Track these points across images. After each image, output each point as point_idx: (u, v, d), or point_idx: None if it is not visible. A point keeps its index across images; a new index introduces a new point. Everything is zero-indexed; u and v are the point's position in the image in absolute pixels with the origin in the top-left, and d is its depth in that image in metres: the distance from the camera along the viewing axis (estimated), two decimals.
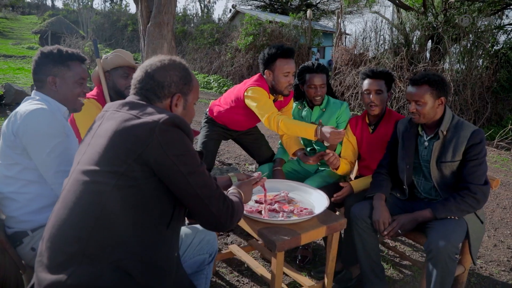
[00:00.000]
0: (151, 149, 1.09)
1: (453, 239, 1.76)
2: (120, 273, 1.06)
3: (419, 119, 2.00)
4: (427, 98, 1.94)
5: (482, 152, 1.92)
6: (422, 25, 9.45)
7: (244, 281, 2.33)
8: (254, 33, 11.61)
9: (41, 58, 1.66)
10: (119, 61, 2.37)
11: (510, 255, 2.88)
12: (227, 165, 4.32)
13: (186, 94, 1.33)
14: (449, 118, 2.00)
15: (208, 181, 1.20)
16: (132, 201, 1.10)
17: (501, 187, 4.65)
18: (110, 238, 1.08)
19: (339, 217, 1.86)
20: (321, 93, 2.52)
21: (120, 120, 1.15)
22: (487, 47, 8.91)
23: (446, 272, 1.75)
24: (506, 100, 9.94)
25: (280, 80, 2.38)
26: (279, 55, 2.36)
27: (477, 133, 1.92)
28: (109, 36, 21.65)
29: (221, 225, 1.25)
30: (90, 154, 1.16)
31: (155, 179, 1.13)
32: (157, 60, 1.30)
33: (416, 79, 1.98)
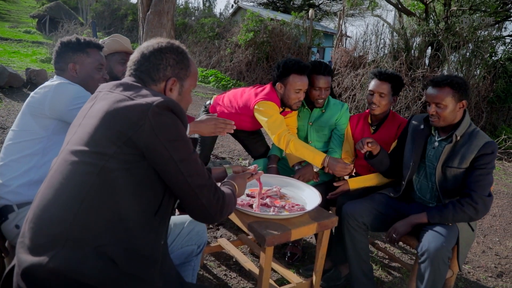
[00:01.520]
0: (142, 132, 1.06)
1: (447, 243, 1.75)
2: (103, 259, 1.03)
3: (438, 122, 1.94)
4: (449, 101, 1.88)
5: (491, 163, 1.87)
6: (423, 31, 9.46)
7: (232, 275, 2.32)
8: (255, 29, 11.55)
9: (61, 48, 1.75)
10: (116, 46, 2.34)
11: (498, 261, 2.89)
12: (221, 159, 4.30)
13: (182, 79, 1.29)
14: (466, 124, 1.94)
15: (200, 170, 1.17)
16: (120, 185, 1.06)
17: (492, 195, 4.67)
18: (95, 222, 1.05)
19: (330, 214, 1.85)
20: (325, 96, 2.47)
21: (112, 101, 1.12)
22: (485, 57, 8.95)
23: (438, 275, 1.75)
24: (501, 111, 10.00)
25: (291, 95, 2.35)
26: (294, 70, 2.31)
27: (490, 144, 1.87)
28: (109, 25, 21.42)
29: (211, 216, 1.22)
30: (80, 134, 1.12)
31: (144, 164, 1.09)
32: (154, 42, 1.27)
33: (438, 81, 1.91)
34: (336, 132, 2.53)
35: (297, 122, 2.67)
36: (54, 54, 1.77)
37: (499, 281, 2.60)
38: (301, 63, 2.33)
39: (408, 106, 8.71)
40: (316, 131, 2.58)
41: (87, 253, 1.03)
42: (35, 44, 14.68)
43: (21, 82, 6.56)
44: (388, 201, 2.14)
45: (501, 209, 4.16)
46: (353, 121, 2.52)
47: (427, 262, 1.74)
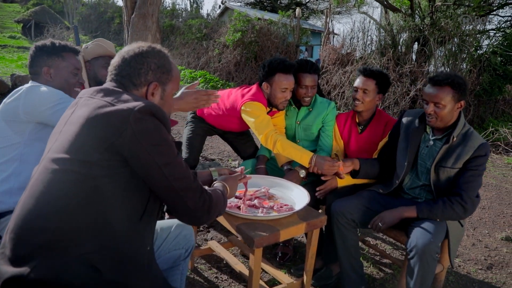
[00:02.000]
0: (124, 138, 1.05)
1: (435, 238, 1.76)
2: (87, 267, 1.02)
3: (435, 122, 1.92)
4: (448, 101, 1.84)
5: (483, 165, 1.89)
6: (409, 27, 9.54)
7: (223, 277, 2.30)
8: (243, 29, 11.53)
9: (35, 52, 1.73)
10: (100, 50, 2.32)
11: (487, 254, 2.92)
12: (210, 161, 4.28)
13: (164, 83, 1.28)
14: (462, 124, 1.93)
15: (185, 174, 1.16)
16: (103, 192, 1.05)
17: (481, 188, 4.72)
18: (78, 230, 1.03)
19: (319, 214, 1.85)
20: (312, 94, 2.46)
21: (93, 107, 1.10)
22: (471, 51, 9.05)
23: (427, 270, 1.76)
24: (488, 104, 10.13)
25: (277, 95, 2.34)
26: (279, 69, 2.30)
27: (484, 145, 1.88)
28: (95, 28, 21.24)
29: (197, 219, 1.21)
30: (61, 142, 1.11)
31: (128, 169, 1.08)
32: (135, 46, 1.25)
33: (439, 80, 1.87)
34: (324, 130, 2.53)
35: (285, 122, 2.66)
36: (29, 59, 1.75)
37: (489, 273, 2.63)
38: (286, 62, 2.32)
39: (397, 101, 8.77)
40: (303, 130, 2.58)
41: (70, 262, 1.01)
42: (21, 49, 14.49)
43: (7, 88, 6.48)
44: (377, 197, 2.14)
45: (489, 201, 4.20)
46: (340, 120, 2.51)
47: (416, 258, 1.75)
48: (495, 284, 2.50)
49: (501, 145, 7.63)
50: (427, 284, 1.80)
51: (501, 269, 2.71)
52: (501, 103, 10.96)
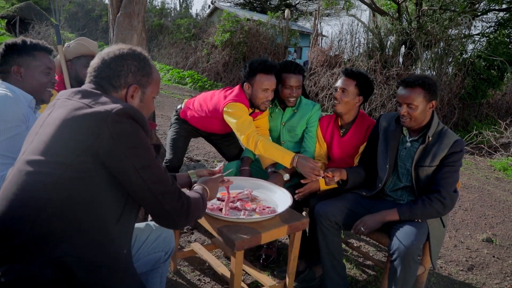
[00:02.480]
0: (101, 141, 1.03)
1: (416, 241, 1.77)
2: (61, 270, 1.00)
3: (409, 123, 1.96)
4: (420, 101, 1.89)
5: (459, 161, 1.92)
6: (396, 31, 9.65)
7: (206, 280, 2.29)
8: (231, 30, 11.52)
9: (6, 50, 1.65)
10: (82, 50, 2.28)
11: (469, 255, 2.96)
12: (195, 162, 4.26)
13: (144, 86, 1.27)
14: (436, 123, 1.97)
15: (163, 177, 1.15)
16: (79, 194, 1.04)
17: (464, 189, 4.79)
18: (52, 233, 1.02)
19: (301, 216, 1.84)
20: (296, 94, 2.46)
21: (70, 109, 1.09)
22: (456, 55, 9.19)
23: (409, 273, 1.77)
24: (472, 107, 10.30)
25: (258, 95, 2.33)
26: (260, 70, 2.29)
27: (459, 142, 1.92)
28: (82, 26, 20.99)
29: (176, 223, 1.20)
30: (36, 144, 1.09)
31: (105, 172, 1.07)
32: (116, 48, 1.24)
33: (410, 81, 1.92)
34: (308, 132, 2.53)
35: (270, 123, 2.66)
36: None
37: (470, 274, 2.66)
38: (267, 63, 2.31)
39: (384, 104, 8.87)
40: (288, 131, 2.59)
41: (43, 265, 1.00)
42: None
43: None
44: (360, 200, 2.15)
45: (472, 203, 4.26)
46: (323, 123, 2.51)
47: (398, 260, 1.76)
48: (475, 285, 2.54)
49: (484, 148, 7.76)
50: (409, 286, 1.82)
51: (481, 270, 2.75)
52: (485, 106, 11.16)
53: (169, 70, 13.18)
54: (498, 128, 8.26)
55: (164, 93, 9.78)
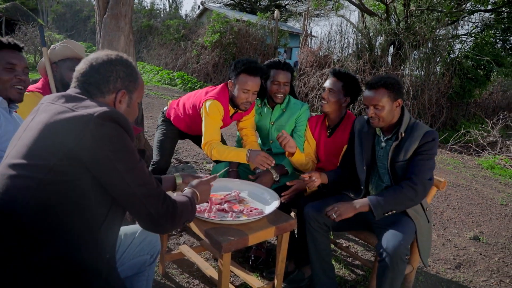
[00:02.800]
0: (84, 144, 1.03)
1: (404, 241, 1.78)
2: (42, 275, 0.99)
3: (378, 123, 1.99)
4: (385, 101, 1.93)
5: (432, 149, 1.92)
6: (385, 31, 9.73)
7: (194, 282, 2.28)
8: (221, 31, 11.50)
9: None
10: (68, 52, 2.26)
11: (456, 253, 2.99)
12: (185, 163, 4.24)
13: (131, 91, 1.29)
14: (407, 119, 1.99)
15: (147, 180, 1.14)
16: (61, 198, 1.03)
17: (452, 188, 4.85)
18: (32, 237, 1.00)
19: (289, 217, 1.84)
20: (284, 91, 2.48)
21: (53, 113, 1.08)
22: (444, 55, 9.29)
23: (397, 272, 1.78)
24: (460, 106, 10.43)
25: (239, 95, 2.32)
26: (244, 70, 2.28)
27: (430, 133, 1.93)
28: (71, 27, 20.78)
29: (161, 227, 1.19)
30: (18, 148, 1.08)
31: (88, 176, 1.05)
32: (103, 54, 1.25)
33: (373, 83, 1.96)
34: (296, 131, 2.55)
35: (259, 122, 2.69)
36: None
37: (457, 272, 2.69)
38: (252, 64, 2.29)
39: None
40: (277, 130, 2.60)
41: (23, 270, 0.98)
42: None
43: None
44: (348, 200, 2.15)
45: (460, 202, 4.31)
46: (312, 122, 2.53)
47: (386, 260, 1.77)
48: (463, 282, 2.57)
49: (472, 147, 7.86)
50: (396, 285, 1.83)
51: (468, 268, 2.78)
52: (473, 105, 11.32)
53: (159, 71, 13.11)
54: (485, 127, 8.37)
55: (153, 94, 9.72)
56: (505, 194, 4.86)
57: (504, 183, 5.50)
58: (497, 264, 2.86)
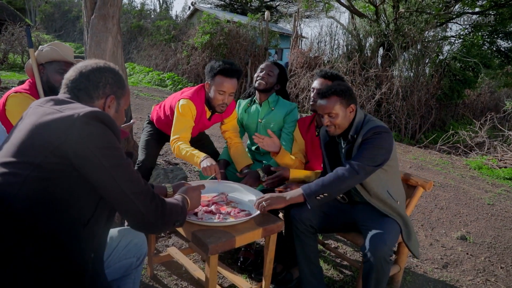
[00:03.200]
0: (70, 141, 1.05)
1: (388, 242, 1.79)
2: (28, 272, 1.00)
3: (334, 131, 2.00)
4: (338, 108, 1.95)
5: (376, 140, 1.88)
6: (374, 32, 9.80)
7: (183, 284, 2.27)
8: (211, 31, 11.48)
9: None
10: (54, 55, 2.24)
11: (444, 253, 3.02)
12: (174, 165, 4.22)
13: (119, 97, 1.33)
14: (359, 121, 1.99)
15: (134, 176, 1.16)
16: (46, 195, 1.05)
17: (440, 188, 4.90)
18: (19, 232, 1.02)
19: (276, 219, 1.85)
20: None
21: (40, 114, 1.12)
22: (432, 56, 9.39)
23: (382, 273, 1.79)
24: (449, 107, 10.55)
25: (215, 96, 2.33)
26: (220, 71, 2.29)
27: (373, 129, 1.91)
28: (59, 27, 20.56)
29: (151, 225, 1.19)
30: (7, 147, 1.11)
31: (74, 174, 1.07)
32: (92, 62, 1.30)
33: (324, 92, 1.98)
34: (284, 130, 2.59)
35: (247, 120, 2.72)
36: None
37: (444, 272, 2.72)
38: (227, 65, 2.30)
39: (363, 104, 8.98)
40: (265, 128, 2.64)
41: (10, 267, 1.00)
42: None
43: None
44: (335, 203, 2.17)
45: (447, 202, 4.36)
46: (302, 123, 2.57)
47: (370, 262, 1.78)
48: (449, 282, 2.59)
49: (460, 147, 7.95)
50: (382, 285, 1.84)
51: (455, 267, 2.81)
52: (461, 107, 11.47)
53: (149, 72, 13.05)
54: (473, 127, 8.48)
55: (143, 95, 9.67)
56: (492, 194, 4.93)
57: (491, 183, 5.58)
58: (483, 264, 2.90)
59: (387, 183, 2.00)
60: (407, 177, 2.33)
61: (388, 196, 1.98)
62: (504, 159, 6.81)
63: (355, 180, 1.86)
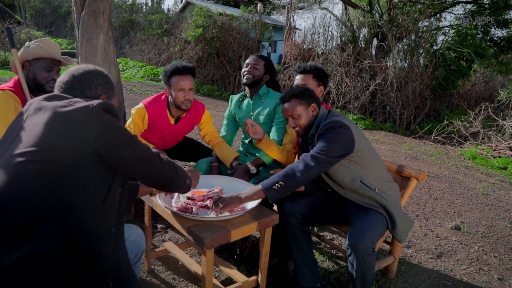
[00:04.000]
0: (91, 129, 1.16)
1: (368, 235, 1.81)
2: (57, 241, 1.08)
3: (301, 131, 2.07)
4: (300, 109, 2.03)
5: (329, 135, 1.89)
6: (368, 23, 9.77)
7: (180, 278, 2.28)
8: (204, 25, 11.39)
9: None
10: (41, 52, 2.23)
11: (438, 243, 3.05)
12: None
13: (110, 98, 1.43)
14: (320, 120, 2.03)
15: (145, 146, 1.32)
16: (71, 178, 1.13)
17: (434, 179, 4.94)
18: (46, 211, 1.10)
19: (271, 212, 1.86)
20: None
21: (53, 106, 1.19)
22: (426, 46, 9.39)
23: (365, 266, 1.82)
24: (443, 97, 10.58)
25: (177, 95, 2.44)
26: (174, 72, 2.43)
27: (326, 125, 1.92)
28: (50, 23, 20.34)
29: (170, 180, 1.41)
30: (25, 139, 1.17)
31: (94, 160, 1.17)
32: (83, 66, 1.40)
33: (284, 96, 2.08)
34: (275, 120, 2.61)
35: (239, 114, 2.75)
36: None
37: (439, 262, 2.75)
38: (178, 64, 2.44)
39: (357, 96, 8.99)
40: (256, 121, 2.67)
41: (40, 239, 1.07)
42: None
43: None
44: (326, 196, 2.18)
45: (442, 192, 4.40)
46: None
47: (352, 256, 1.82)
48: (443, 271, 2.63)
49: (455, 137, 8.00)
50: (368, 278, 1.86)
51: (449, 257, 2.84)
52: (456, 97, 11.50)
53: (142, 67, 12.96)
54: (467, 118, 8.52)
55: (137, 90, 9.62)
56: (486, 184, 4.98)
57: (485, 173, 5.63)
58: (476, 253, 2.94)
59: (360, 173, 1.98)
60: (401, 169, 2.34)
61: (361, 185, 1.97)
62: (498, 149, 6.86)
63: (309, 170, 1.84)
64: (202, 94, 10.97)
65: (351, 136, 1.91)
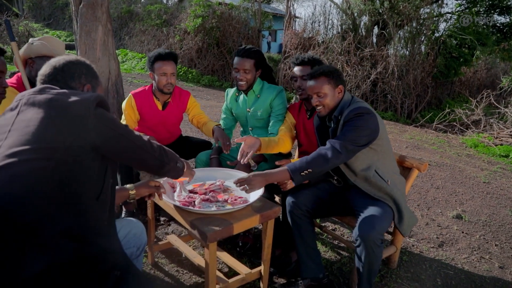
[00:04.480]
0: (90, 124, 1.16)
1: (378, 227, 1.81)
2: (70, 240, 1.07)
3: (324, 111, 2.04)
4: (327, 88, 2.00)
5: (357, 121, 1.88)
6: (369, 11, 9.68)
7: (183, 271, 2.30)
8: (203, 15, 11.30)
9: None
10: (43, 50, 2.24)
11: (439, 232, 3.06)
12: None
13: (94, 87, 1.43)
14: (345, 103, 2.02)
15: (137, 134, 1.37)
16: (70, 175, 1.12)
17: (436, 168, 4.94)
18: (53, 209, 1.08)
19: (273, 205, 1.86)
20: (243, 77, 2.53)
21: (47, 100, 1.16)
22: (428, 34, 9.31)
23: (373, 257, 1.83)
24: (445, 85, 10.53)
25: (159, 80, 2.64)
26: (156, 58, 2.63)
27: (354, 110, 1.92)
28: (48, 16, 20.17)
29: (161, 162, 1.46)
30: (18, 137, 1.11)
31: (91, 155, 1.17)
32: (63, 57, 1.39)
33: (313, 73, 2.04)
34: (272, 114, 2.61)
35: (236, 110, 2.75)
36: None
37: (440, 251, 2.77)
38: (162, 51, 2.65)
39: (358, 85, 8.95)
40: (253, 117, 2.65)
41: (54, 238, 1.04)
42: None
43: None
44: (330, 187, 2.18)
45: (443, 181, 4.40)
46: (293, 109, 2.59)
47: (361, 247, 1.82)
48: (445, 260, 2.64)
49: (456, 125, 7.97)
50: (374, 268, 1.88)
51: (451, 246, 2.85)
52: (457, 84, 11.44)
53: (142, 58, 12.90)
54: (469, 105, 8.48)
55: (137, 82, 9.59)
56: (488, 172, 4.98)
57: (487, 161, 5.62)
58: (478, 242, 2.95)
59: (377, 163, 2.00)
60: (402, 159, 2.34)
61: (374, 175, 1.98)
62: (500, 137, 6.84)
63: (337, 159, 1.85)
64: (203, 85, 10.93)
65: (376, 124, 1.94)
